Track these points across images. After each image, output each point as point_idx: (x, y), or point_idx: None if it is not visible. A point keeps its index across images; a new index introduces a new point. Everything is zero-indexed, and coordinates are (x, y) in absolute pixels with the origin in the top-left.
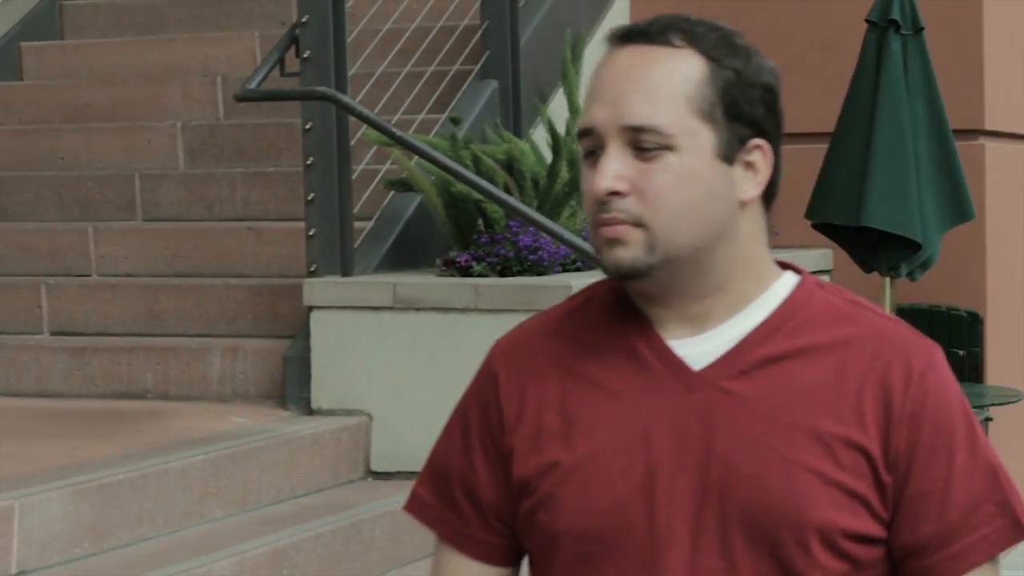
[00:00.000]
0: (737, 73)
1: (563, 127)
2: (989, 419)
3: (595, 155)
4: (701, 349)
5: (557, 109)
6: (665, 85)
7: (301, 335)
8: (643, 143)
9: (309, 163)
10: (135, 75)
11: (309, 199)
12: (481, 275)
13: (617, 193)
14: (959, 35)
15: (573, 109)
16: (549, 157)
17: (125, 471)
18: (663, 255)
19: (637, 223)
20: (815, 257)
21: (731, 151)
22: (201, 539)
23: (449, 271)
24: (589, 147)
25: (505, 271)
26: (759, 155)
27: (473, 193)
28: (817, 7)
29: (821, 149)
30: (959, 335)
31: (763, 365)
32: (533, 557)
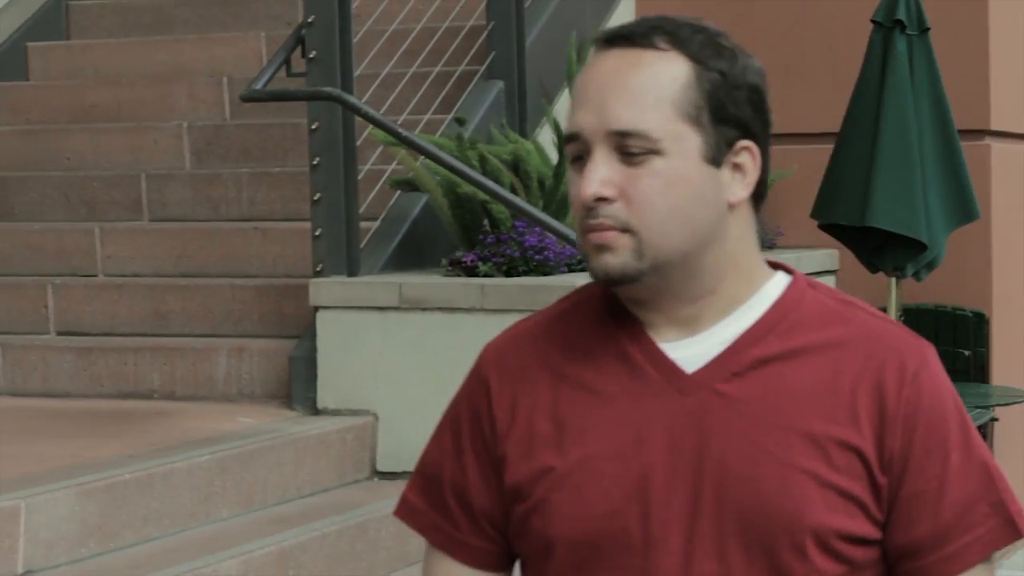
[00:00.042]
0: (723, 75)
1: None
2: (994, 419)
3: (582, 160)
4: (693, 352)
5: (563, 110)
6: (651, 89)
7: (307, 335)
8: (629, 148)
9: (315, 163)
10: (141, 75)
11: (315, 199)
12: (487, 275)
13: (604, 199)
14: (965, 35)
15: None
16: (555, 157)
17: (131, 471)
18: (652, 260)
19: (625, 229)
20: (821, 257)
21: (718, 154)
22: (207, 539)
23: (455, 271)
24: (575, 152)
25: (511, 271)
26: (747, 157)
27: (479, 193)
28: (823, 8)
29: (827, 149)
30: (964, 335)
31: (756, 367)
32: (526, 563)
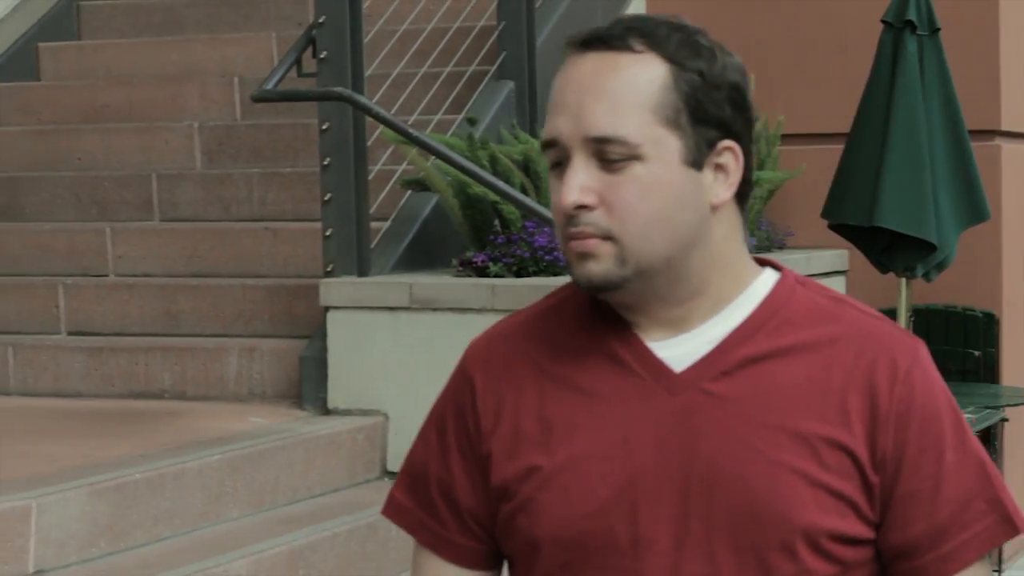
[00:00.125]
0: (701, 75)
1: None
2: (1005, 419)
3: (561, 166)
4: (682, 351)
5: None
6: (627, 93)
7: (318, 335)
8: (608, 154)
9: (326, 163)
10: (152, 76)
11: (326, 199)
12: (497, 275)
13: (584, 207)
14: (975, 36)
15: None
16: None
17: (142, 471)
18: (635, 267)
19: (606, 236)
20: (831, 258)
21: (699, 156)
22: (218, 539)
23: (465, 271)
24: (554, 159)
25: (521, 271)
26: (729, 157)
27: (489, 193)
28: (833, 8)
29: (837, 150)
30: (975, 336)
31: (745, 365)
32: (513, 563)
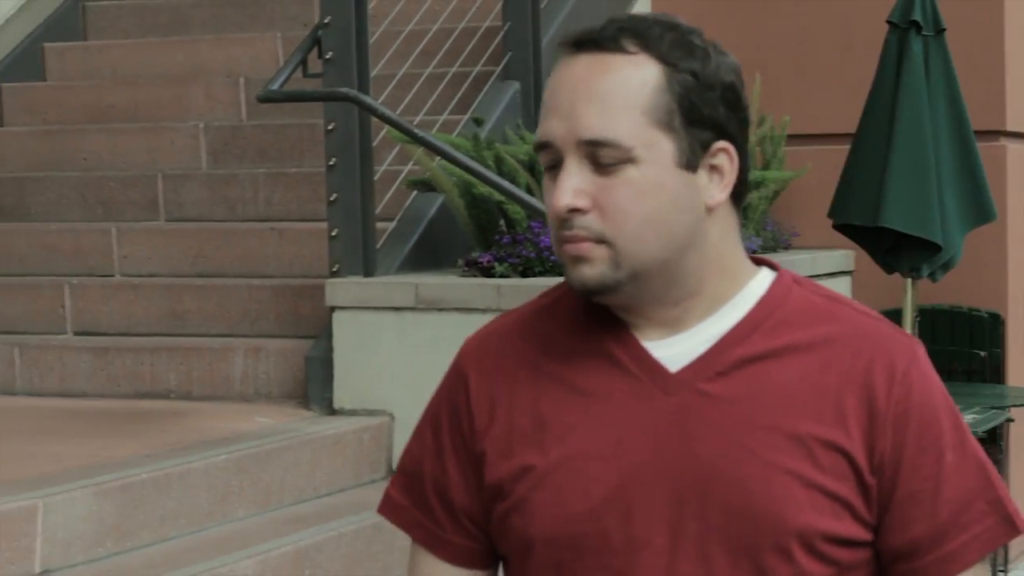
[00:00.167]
0: (695, 75)
1: None
2: (1010, 420)
3: (555, 169)
4: (677, 351)
5: None
6: (620, 96)
7: (323, 335)
8: (601, 157)
9: (331, 164)
10: (158, 76)
11: (331, 200)
12: (503, 276)
13: (578, 210)
14: (980, 36)
15: None
16: None
17: (148, 471)
18: (629, 270)
19: (600, 240)
20: (837, 258)
21: (693, 158)
22: (224, 539)
23: (471, 271)
24: (548, 161)
25: (527, 272)
26: (724, 158)
27: (495, 194)
28: (838, 9)
29: (843, 150)
30: (980, 336)
31: (741, 366)
32: (508, 562)
